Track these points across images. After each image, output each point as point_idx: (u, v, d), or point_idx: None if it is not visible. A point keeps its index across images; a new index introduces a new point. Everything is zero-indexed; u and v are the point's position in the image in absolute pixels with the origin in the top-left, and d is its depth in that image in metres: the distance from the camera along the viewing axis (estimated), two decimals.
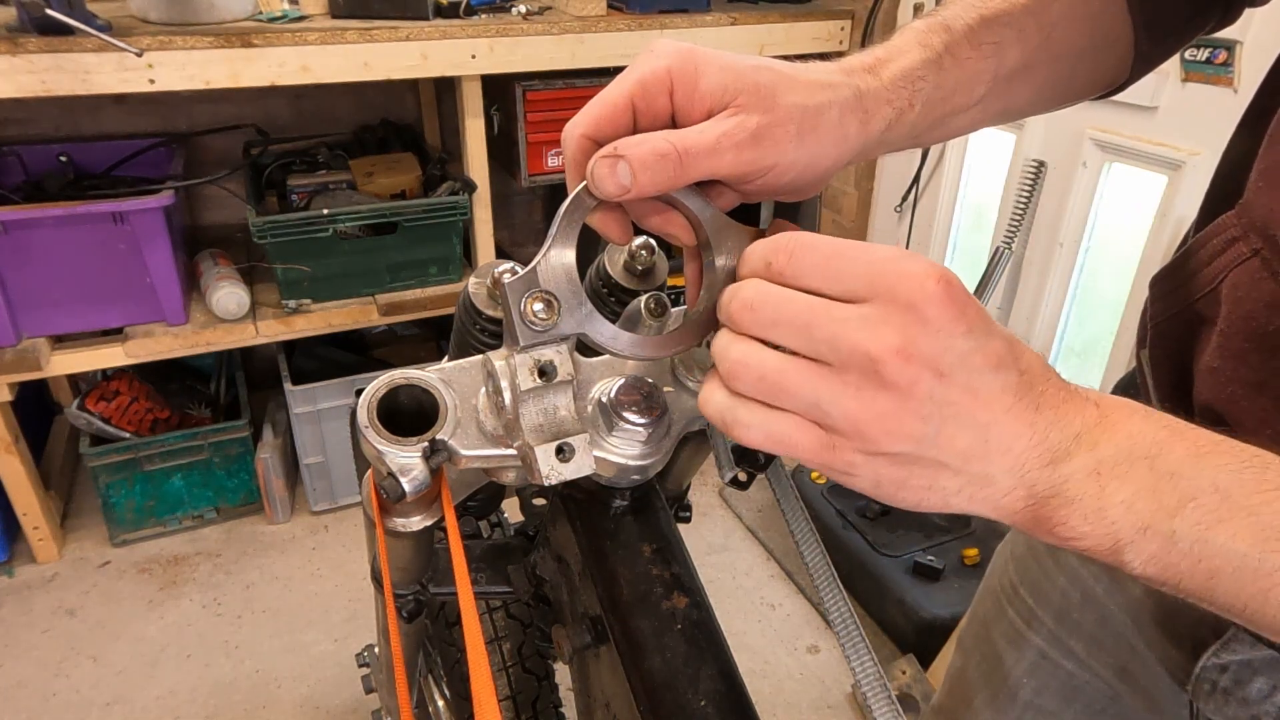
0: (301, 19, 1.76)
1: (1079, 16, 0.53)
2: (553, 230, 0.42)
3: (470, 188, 1.97)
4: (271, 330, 1.92)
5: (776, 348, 0.37)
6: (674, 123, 0.43)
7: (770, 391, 0.37)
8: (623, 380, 0.49)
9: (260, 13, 1.76)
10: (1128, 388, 0.65)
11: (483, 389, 0.46)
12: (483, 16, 1.86)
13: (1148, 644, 0.63)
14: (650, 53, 0.43)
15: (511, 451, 0.44)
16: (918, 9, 1.98)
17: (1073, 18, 0.53)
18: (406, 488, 0.42)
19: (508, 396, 0.42)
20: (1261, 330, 0.45)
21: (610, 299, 0.56)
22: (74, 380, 2.20)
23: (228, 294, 1.86)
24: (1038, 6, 0.52)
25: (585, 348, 0.45)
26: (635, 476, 0.52)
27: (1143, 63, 0.57)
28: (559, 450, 0.41)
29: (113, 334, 1.85)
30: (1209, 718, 0.60)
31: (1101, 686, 0.71)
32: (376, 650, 1.20)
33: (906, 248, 2.24)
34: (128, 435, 1.99)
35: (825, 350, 0.35)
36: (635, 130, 0.43)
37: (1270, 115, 0.47)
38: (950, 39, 0.49)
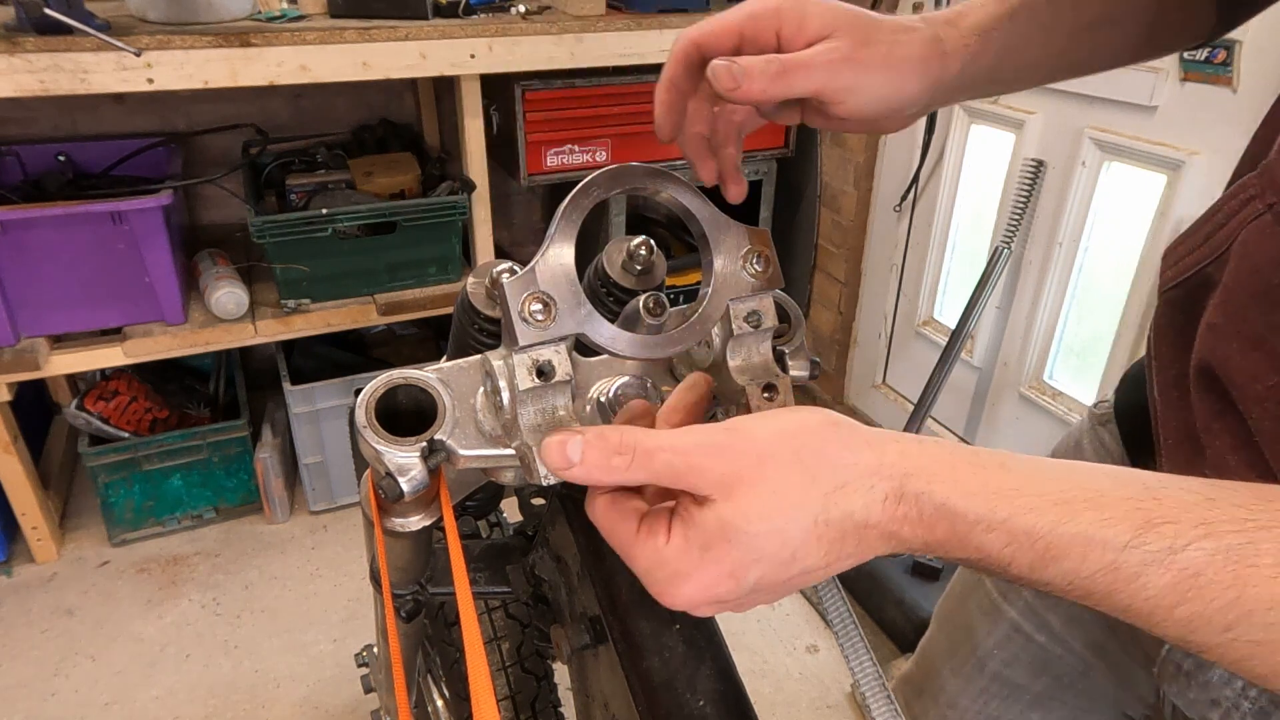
0: (300, 18, 1.76)
1: None
2: (552, 230, 0.42)
3: (469, 187, 1.97)
4: (270, 330, 1.92)
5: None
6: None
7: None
8: (621, 380, 0.49)
9: (259, 12, 1.76)
10: (1140, 371, 0.65)
11: (481, 389, 0.46)
12: (482, 16, 1.86)
13: (1123, 622, 0.64)
14: None
15: (510, 451, 0.44)
16: (916, 7, 1.98)
17: None
18: (405, 487, 0.42)
19: (506, 396, 0.42)
20: (1265, 285, 0.45)
21: (609, 298, 0.56)
22: (73, 380, 2.20)
23: (226, 294, 1.86)
24: None
25: (584, 347, 0.45)
26: None
27: (1229, 13, 0.60)
28: None
29: (111, 334, 1.85)
30: (1174, 700, 0.61)
31: (1074, 661, 0.71)
32: (375, 650, 1.20)
33: (905, 247, 2.21)
34: (126, 435, 1.99)
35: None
36: (739, 54, 0.49)
37: None
38: None
